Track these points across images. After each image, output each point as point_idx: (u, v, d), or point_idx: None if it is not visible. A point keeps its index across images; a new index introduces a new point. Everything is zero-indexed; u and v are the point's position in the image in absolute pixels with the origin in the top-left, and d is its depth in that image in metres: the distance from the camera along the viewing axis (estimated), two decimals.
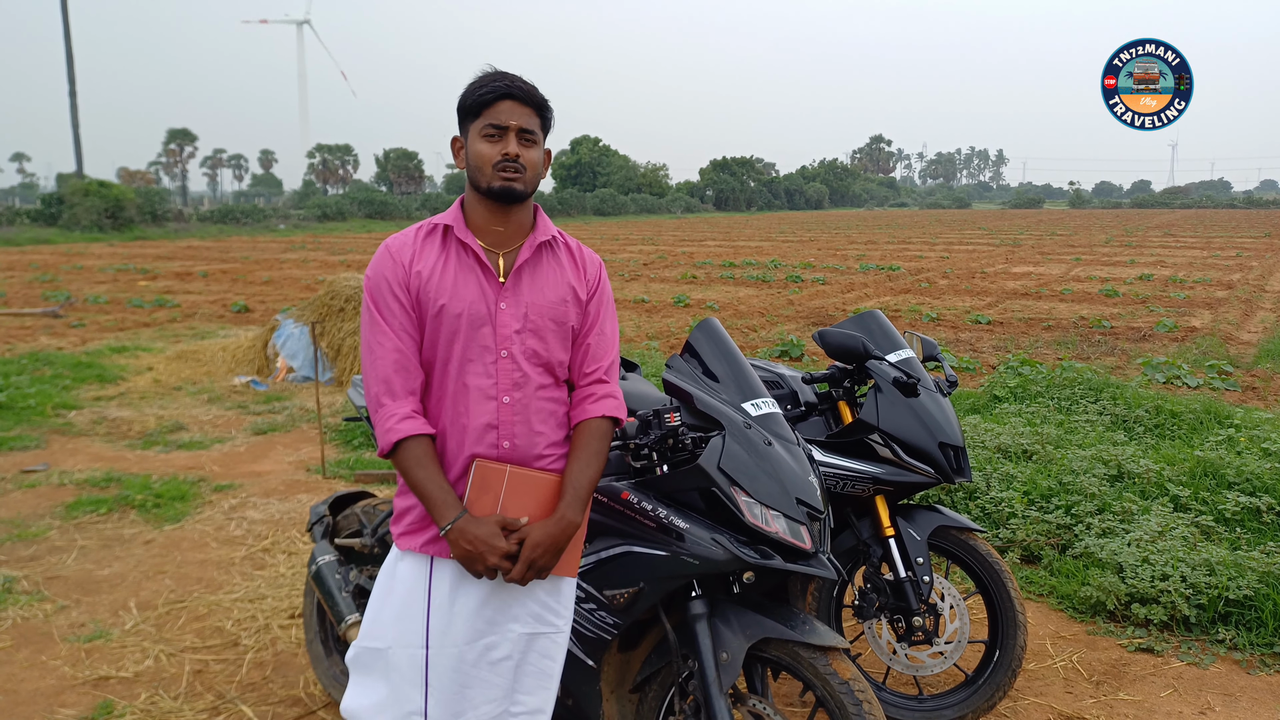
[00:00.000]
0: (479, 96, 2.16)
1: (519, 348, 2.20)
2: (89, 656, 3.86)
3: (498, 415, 2.18)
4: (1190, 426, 6.63)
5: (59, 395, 8.54)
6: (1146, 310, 14.81)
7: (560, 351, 2.27)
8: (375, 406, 2.18)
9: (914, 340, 3.57)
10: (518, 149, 2.15)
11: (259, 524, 5.42)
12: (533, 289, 2.23)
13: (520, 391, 2.20)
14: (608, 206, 71.10)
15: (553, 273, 2.27)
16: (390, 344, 2.17)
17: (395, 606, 2.23)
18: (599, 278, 2.36)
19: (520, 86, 2.17)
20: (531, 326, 2.21)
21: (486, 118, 2.16)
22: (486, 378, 2.18)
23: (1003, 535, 4.89)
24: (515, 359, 2.19)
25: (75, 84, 49.50)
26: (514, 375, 2.20)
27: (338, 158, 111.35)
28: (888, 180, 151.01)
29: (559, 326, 2.25)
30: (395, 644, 2.21)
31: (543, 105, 2.21)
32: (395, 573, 2.26)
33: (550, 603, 2.28)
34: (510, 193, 2.17)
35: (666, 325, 13.45)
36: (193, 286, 19.08)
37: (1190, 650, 3.92)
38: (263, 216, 52.35)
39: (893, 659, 3.37)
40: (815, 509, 2.39)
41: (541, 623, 2.27)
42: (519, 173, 2.16)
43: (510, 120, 2.15)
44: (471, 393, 2.18)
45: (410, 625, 2.20)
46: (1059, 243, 33.73)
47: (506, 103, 2.16)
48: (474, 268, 2.20)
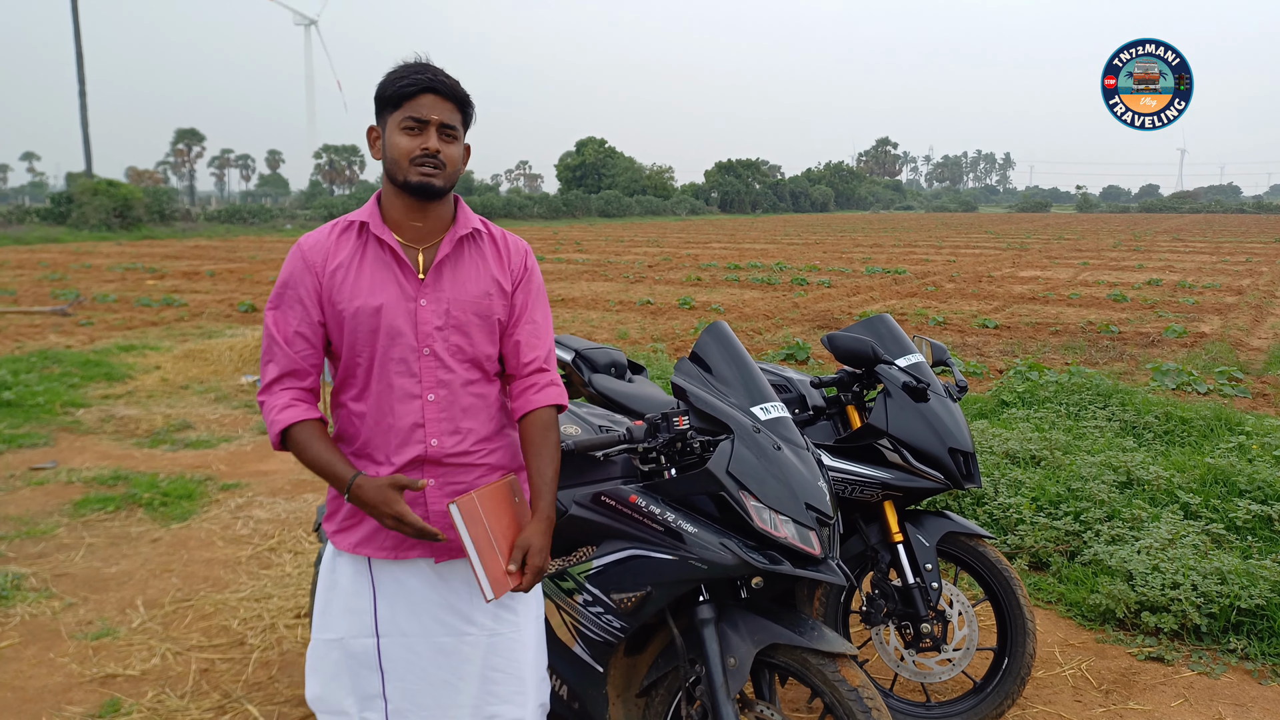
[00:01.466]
0: (399, 88, 2.08)
1: (442, 344, 2.16)
2: (96, 654, 3.87)
3: (423, 413, 2.15)
4: (1200, 433, 6.60)
5: (67, 393, 8.55)
6: (1155, 315, 14.76)
7: (487, 345, 2.22)
8: (261, 403, 2.18)
9: (923, 345, 3.56)
10: (438, 144, 2.09)
11: (265, 523, 5.42)
12: (454, 284, 2.18)
13: (445, 389, 2.17)
14: (612, 208, 71.09)
15: (475, 266, 2.22)
16: (271, 343, 2.16)
17: (341, 600, 2.24)
18: (524, 264, 2.29)
19: (443, 81, 2.10)
20: (454, 322, 2.16)
21: (407, 110, 2.09)
22: (409, 376, 2.14)
23: (1011, 542, 4.87)
24: (438, 356, 2.15)
25: (85, 84, 49.68)
26: (438, 373, 2.16)
27: (344, 158, 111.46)
28: (894, 183, 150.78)
29: (483, 320, 2.20)
30: (346, 635, 2.22)
31: (465, 101, 2.14)
32: (335, 568, 2.27)
33: (504, 600, 2.25)
34: (428, 189, 2.11)
35: (671, 327, 13.44)
36: (200, 286, 19.13)
37: (1201, 659, 3.90)
38: (270, 216, 52.53)
39: (900, 665, 3.36)
40: (824, 514, 2.37)
41: (499, 622, 2.26)
42: (438, 169, 2.10)
43: (432, 115, 2.09)
44: (395, 392, 2.15)
45: (359, 618, 2.22)
46: (1066, 247, 33.66)
47: (429, 96, 2.09)
48: (391, 264, 2.15)
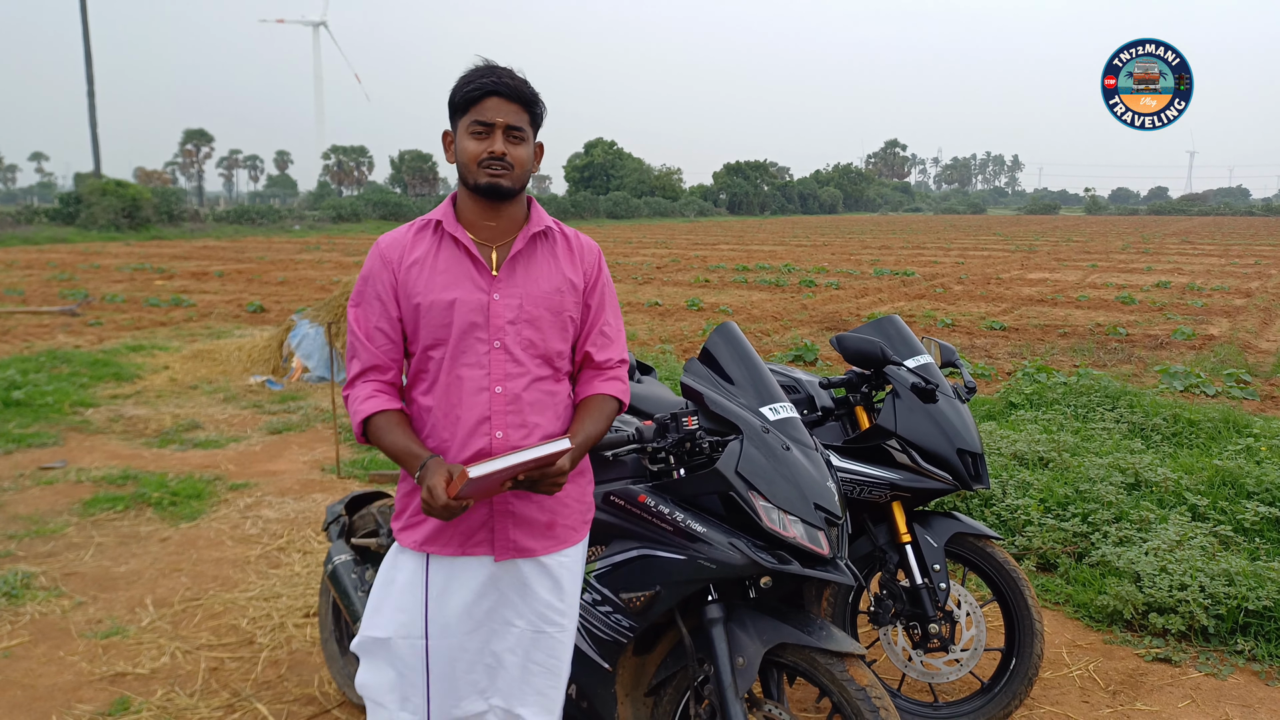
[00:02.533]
0: (465, 93, 2.12)
1: (513, 338, 2.18)
2: (106, 653, 3.89)
3: (490, 406, 2.18)
4: (1208, 435, 6.59)
5: (76, 393, 8.60)
6: (1164, 318, 14.72)
7: (558, 341, 2.25)
8: (345, 396, 2.25)
9: (932, 346, 3.56)
10: (504, 147, 2.12)
11: (274, 523, 5.44)
12: (527, 279, 2.21)
13: (513, 382, 2.19)
14: (621, 209, 71.09)
15: (547, 263, 2.25)
16: (353, 338, 2.23)
17: (395, 599, 2.26)
18: (597, 265, 2.34)
19: (507, 83, 2.11)
20: (526, 317, 2.20)
21: (473, 114, 2.12)
22: (479, 369, 2.17)
23: (1019, 543, 4.86)
24: (509, 349, 2.18)
25: (94, 84, 49.94)
26: (507, 366, 2.18)
27: (353, 159, 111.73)
28: (902, 185, 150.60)
29: (555, 316, 2.23)
30: (395, 635, 2.24)
31: (531, 100, 2.16)
32: (396, 564, 2.29)
33: (554, 602, 2.29)
34: (497, 189, 2.14)
35: (680, 329, 13.44)
36: (208, 286, 19.20)
37: (1208, 661, 3.89)
38: (278, 217, 52.61)
39: (908, 666, 3.36)
40: (833, 514, 2.38)
41: (546, 622, 2.29)
42: (506, 170, 2.13)
43: (497, 117, 2.11)
44: (465, 384, 2.17)
45: (410, 617, 2.24)
46: (1075, 249, 33.57)
47: (493, 99, 2.11)
48: (465, 260, 2.19)
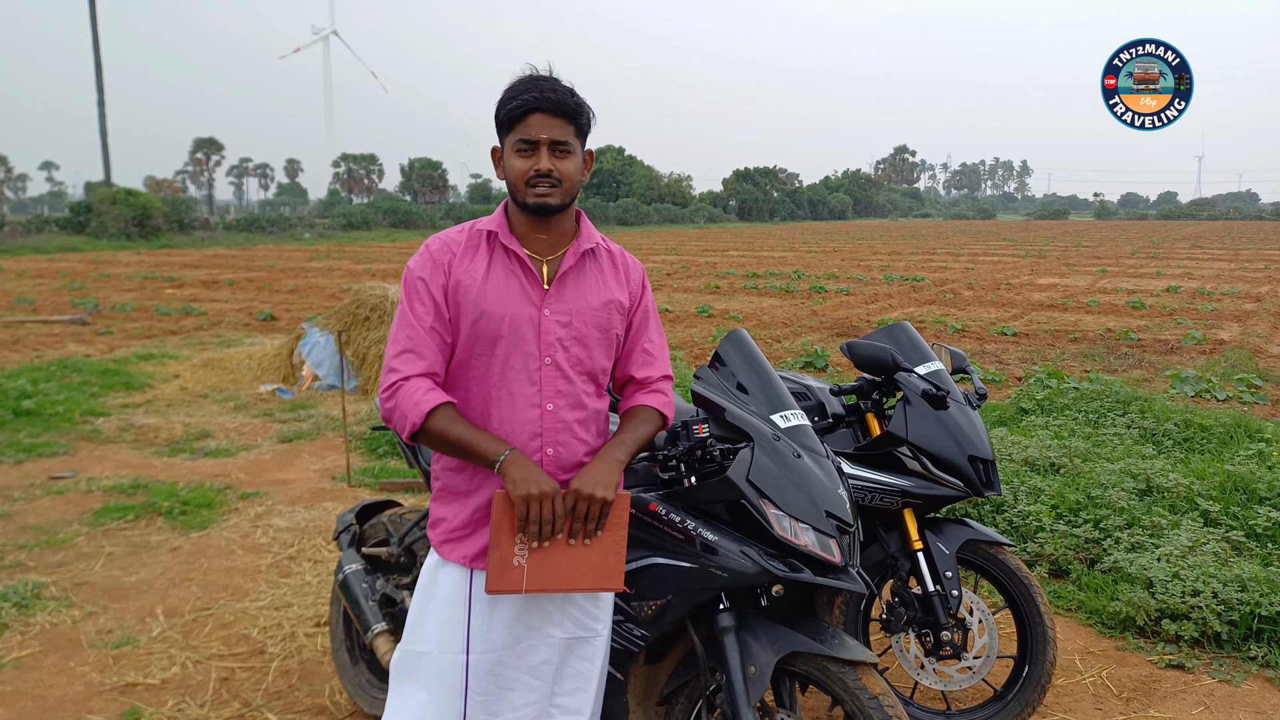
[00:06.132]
0: (509, 111, 2.11)
1: (563, 355, 2.19)
2: (116, 663, 3.89)
3: (541, 423, 2.18)
4: (1220, 440, 6.55)
5: (87, 402, 8.63)
6: (1174, 323, 14.66)
7: (604, 359, 2.26)
8: (394, 388, 2.12)
9: (943, 352, 3.55)
10: (549, 164, 2.10)
11: (285, 532, 5.45)
12: (577, 296, 2.22)
13: (563, 399, 2.20)
14: (631, 216, 71.23)
15: (596, 280, 2.26)
16: (412, 334, 2.15)
17: (437, 612, 2.25)
18: (641, 284, 2.35)
19: (550, 97, 2.08)
20: (576, 334, 2.20)
21: (518, 132, 2.11)
22: (530, 384, 2.17)
23: (1031, 549, 4.84)
24: (559, 366, 2.19)
25: (104, 93, 50.20)
26: (557, 383, 2.19)
27: (363, 167, 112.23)
28: (912, 191, 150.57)
29: (603, 334, 2.24)
30: (436, 649, 2.23)
31: (575, 112, 2.12)
32: (436, 578, 2.27)
33: (590, 608, 2.30)
34: (545, 208, 2.14)
35: (690, 335, 13.43)
36: (219, 294, 19.26)
37: (1222, 667, 3.86)
38: (288, 225, 52.82)
39: (920, 673, 3.34)
40: (845, 522, 2.37)
41: (581, 627, 2.29)
42: (554, 187, 2.13)
43: (541, 134, 2.09)
44: (516, 400, 2.17)
45: (452, 632, 2.23)
46: (1084, 254, 33.48)
47: (536, 116, 2.09)
48: (518, 274, 2.19)
